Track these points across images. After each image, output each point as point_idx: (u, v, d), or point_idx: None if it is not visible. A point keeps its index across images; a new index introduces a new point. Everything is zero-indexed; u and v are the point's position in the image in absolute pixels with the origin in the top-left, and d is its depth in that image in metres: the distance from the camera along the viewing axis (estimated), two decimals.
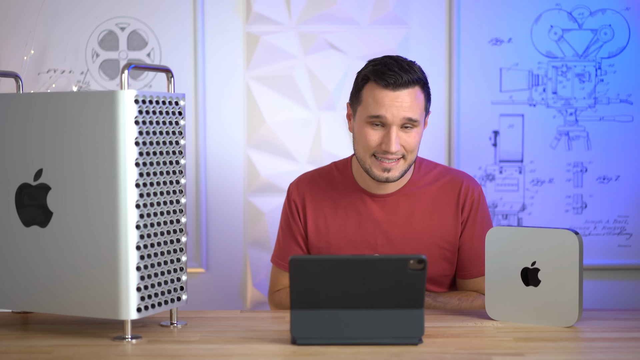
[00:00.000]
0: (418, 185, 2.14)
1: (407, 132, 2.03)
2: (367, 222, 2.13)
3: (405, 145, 2.03)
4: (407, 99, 2.01)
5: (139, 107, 1.64)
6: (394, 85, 2.00)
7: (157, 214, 1.68)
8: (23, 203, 1.74)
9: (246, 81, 2.80)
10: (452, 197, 2.13)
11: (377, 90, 2.02)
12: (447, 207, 2.13)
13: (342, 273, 1.58)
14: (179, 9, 2.78)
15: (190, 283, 2.77)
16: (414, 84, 2.01)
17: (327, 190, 2.19)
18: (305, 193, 2.20)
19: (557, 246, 1.73)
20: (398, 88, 2.00)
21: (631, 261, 2.79)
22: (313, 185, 2.20)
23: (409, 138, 2.03)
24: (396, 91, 2.00)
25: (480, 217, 2.14)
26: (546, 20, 2.76)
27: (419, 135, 2.05)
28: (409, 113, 2.00)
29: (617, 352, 1.59)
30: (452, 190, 2.14)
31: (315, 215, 2.18)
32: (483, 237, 2.10)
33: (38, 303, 1.73)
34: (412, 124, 2.02)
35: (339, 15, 2.77)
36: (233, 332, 1.75)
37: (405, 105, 2.00)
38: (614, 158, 2.78)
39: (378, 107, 2.01)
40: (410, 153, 2.05)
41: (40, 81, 2.79)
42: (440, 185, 2.15)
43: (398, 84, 2.00)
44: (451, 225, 2.12)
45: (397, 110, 2.00)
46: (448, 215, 2.12)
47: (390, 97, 2.00)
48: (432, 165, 2.20)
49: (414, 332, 1.61)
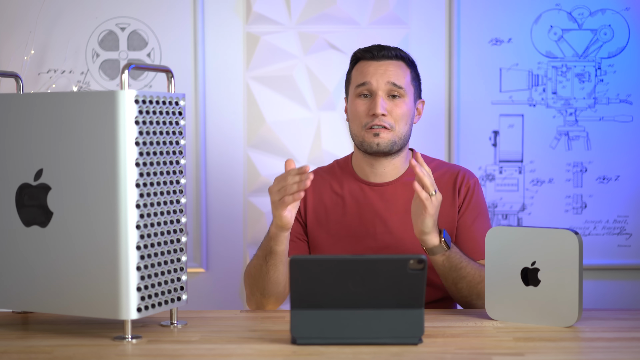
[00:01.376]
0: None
1: (394, 102, 2.13)
2: (366, 211, 2.17)
3: (392, 113, 2.13)
4: (391, 67, 2.15)
5: (139, 107, 1.64)
6: (378, 57, 2.16)
7: (157, 214, 1.68)
8: (23, 203, 1.74)
9: (246, 81, 2.80)
10: (449, 185, 2.19)
11: (363, 63, 2.18)
12: (445, 194, 2.16)
13: (342, 273, 1.58)
14: (179, 9, 2.78)
15: (190, 283, 2.77)
16: (398, 59, 2.17)
17: (328, 181, 2.24)
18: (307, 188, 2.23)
19: (557, 246, 1.73)
20: (382, 59, 2.15)
21: (631, 261, 2.79)
22: (315, 178, 2.24)
23: (395, 107, 2.13)
24: (380, 61, 2.15)
25: (476, 203, 2.18)
26: (546, 21, 2.76)
27: (407, 107, 2.14)
28: (393, 78, 2.13)
29: (617, 352, 1.59)
30: (449, 179, 2.20)
31: (315, 205, 2.22)
32: (480, 223, 2.16)
33: (38, 303, 1.73)
34: (398, 91, 2.12)
35: (339, 15, 2.78)
36: (233, 332, 1.75)
37: (389, 72, 2.14)
38: (613, 158, 2.78)
39: (363, 76, 2.15)
40: (398, 124, 2.12)
41: (41, 81, 2.79)
42: (437, 175, 2.19)
43: (382, 55, 2.15)
44: (448, 212, 2.16)
45: (380, 76, 2.13)
46: (445, 203, 2.15)
47: (374, 66, 2.15)
48: (430, 159, 2.26)
49: (414, 332, 1.61)
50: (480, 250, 2.12)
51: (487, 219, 2.21)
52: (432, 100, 2.77)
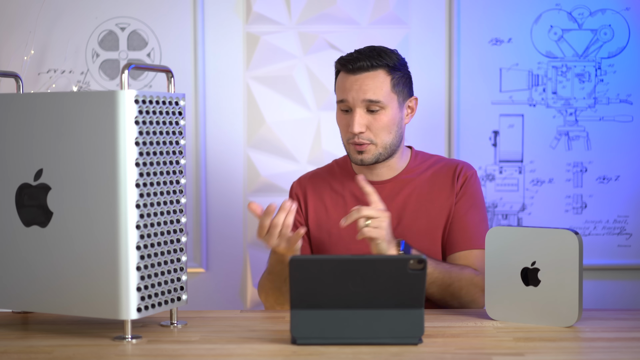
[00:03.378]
0: (414, 172, 2.20)
1: (373, 115, 2.10)
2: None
3: (371, 127, 2.10)
4: (367, 81, 2.09)
5: (139, 107, 1.64)
6: (353, 70, 2.10)
7: (157, 214, 1.68)
8: (23, 203, 1.74)
9: (246, 81, 2.80)
10: (448, 176, 2.19)
11: (342, 76, 2.14)
12: (444, 186, 2.17)
13: (342, 273, 1.58)
14: (179, 9, 2.78)
15: (190, 283, 2.77)
16: (375, 68, 2.09)
17: (328, 181, 2.25)
18: (307, 187, 2.26)
19: (557, 246, 1.73)
20: (357, 72, 2.10)
21: (631, 261, 2.79)
22: (315, 179, 2.26)
23: (374, 121, 2.10)
24: (356, 74, 2.10)
25: (471, 193, 2.18)
26: (546, 21, 2.76)
27: (387, 118, 2.11)
28: (368, 95, 2.08)
29: (617, 352, 1.59)
30: (448, 171, 2.20)
31: (316, 206, 2.22)
32: (473, 213, 2.15)
33: (38, 303, 1.73)
34: (376, 105, 2.09)
35: (339, 15, 2.78)
36: (233, 332, 1.75)
37: (365, 87, 2.08)
38: (613, 158, 2.78)
39: (342, 92, 2.12)
40: (378, 137, 2.11)
41: (41, 81, 2.79)
42: (436, 169, 2.20)
43: (356, 68, 2.09)
44: (447, 204, 2.16)
45: (356, 92, 2.09)
46: (444, 196, 2.16)
47: (350, 81, 2.10)
48: (428, 156, 2.27)
49: (414, 332, 1.61)
50: (470, 240, 2.12)
51: (482, 210, 2.19)
52: (432, 100, 2.77)
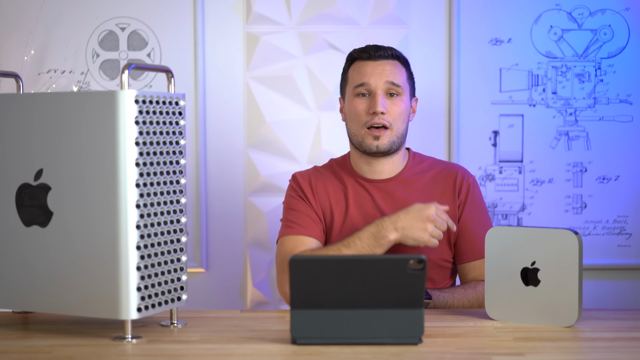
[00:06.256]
0: (413, 172, 2.23)
1: (392, 100, 2.16)
2: (369, 206, 2.19)
3: (391, 111, 2.16)
4: (388, 67, 2.18)
5: (139, 107, 1.64)
6: (375, 57, 2.19)
7: (157, 214, 1.68)
8: (23, 203, 1.74)
9: (246, 81, 2.80)
10: (449, 183, 2.20)
11: (360, 64, 2.20)
12: (444, 191, 2.19)
13: (342, 273, 1.58)
14: (179, 9, 2.78)
15: (190, 283, 2.77)
16: (394, 58, 2.20)
17: (329, 176, 2.25)
18: (313, 180, 2.25)
19: (556, 246, 1.73)
20: (379, 58, 2.18)
21: (631, 261, 2.80)
22: (317, 174, 2.26)
23: (394, 106, 2.16)
24: (377, 60, 2.18)
25: (476, 201, 2.21)
26: (546, 21, 2.76)
27: (404, 105, 2.18)
28: (391, 77, 2.16)
29: (617, 352, 1.59)
30: (448, 177, 2.21)
31: (322, 200, 2.22)
32: (480, 221, 2.19)
33: (38, 303, 1.73)
34: (396, 90, 2.16)
35: (339, 15, 2.78)
36: (233, 332, 1.75)
37: (387, 71, 2.17)
38: (613, 158, 2.78)
39: (362, 76, 2.18)
40: (395, 122, 2.16)
41: (41, 81, 2.79)
42: (435, 172, 2.23)
43: (378, 55, 2.19)
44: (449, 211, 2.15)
45: (379, 76, 2.16)
46: (445, 200, 2.17)
47: (372, 66, 2.18)
48: (425, 157, 2.29)
49: (414, 332, 1.61)
50: (480, 250, 2.15)
51: (486, 217, 2.22)
52: (432, 100, 2.77)
